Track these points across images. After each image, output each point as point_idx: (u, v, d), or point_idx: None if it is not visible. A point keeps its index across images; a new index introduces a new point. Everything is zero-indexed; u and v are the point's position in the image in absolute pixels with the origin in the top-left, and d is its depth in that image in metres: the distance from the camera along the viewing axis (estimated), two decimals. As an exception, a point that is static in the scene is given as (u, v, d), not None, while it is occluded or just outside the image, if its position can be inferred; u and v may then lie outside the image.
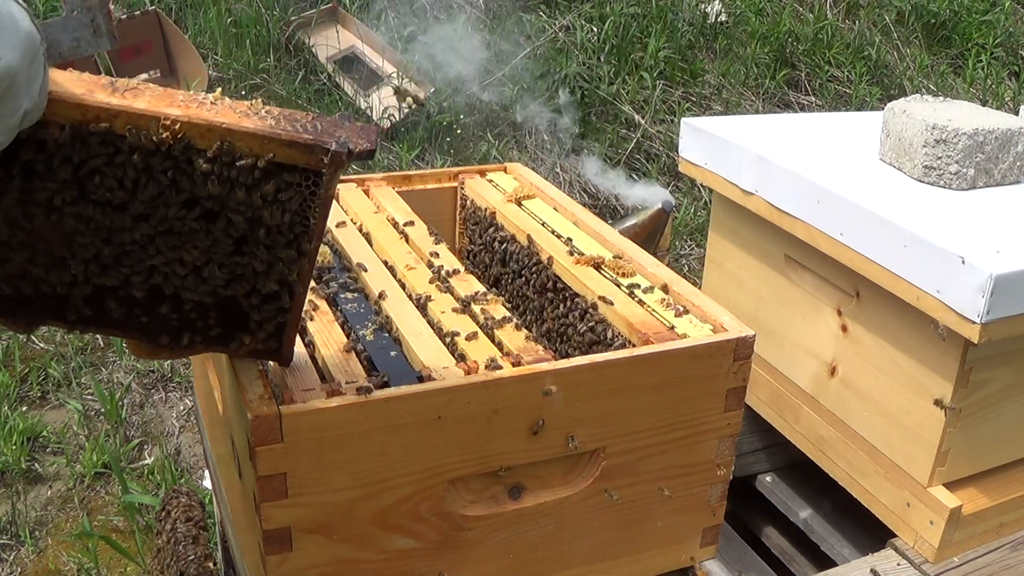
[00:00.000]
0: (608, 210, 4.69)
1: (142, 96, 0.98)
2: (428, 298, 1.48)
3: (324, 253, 1.60)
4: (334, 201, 1.83)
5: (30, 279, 1.04)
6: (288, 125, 1.01)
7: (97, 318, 1.08)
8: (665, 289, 1.53)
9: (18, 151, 0.95)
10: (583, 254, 1.62)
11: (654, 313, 1.46)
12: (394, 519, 1.25)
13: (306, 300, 1.21)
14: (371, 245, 1.67)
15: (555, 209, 1.81)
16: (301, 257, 1.08)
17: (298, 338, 1.33)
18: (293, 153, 1.00)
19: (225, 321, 1.12)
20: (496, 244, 1.80)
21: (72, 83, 0.97)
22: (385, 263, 1.61)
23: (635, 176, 4.91)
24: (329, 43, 5.02)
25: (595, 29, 5.37)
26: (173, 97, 1.00)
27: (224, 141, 0.98)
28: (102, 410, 3.41)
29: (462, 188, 1.93)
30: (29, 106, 0.88)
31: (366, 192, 1.88)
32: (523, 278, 1.70)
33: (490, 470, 1.28)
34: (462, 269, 1.58)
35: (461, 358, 1.32)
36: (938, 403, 1.62)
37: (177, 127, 0.97)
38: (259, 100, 1.04)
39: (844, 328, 1.82)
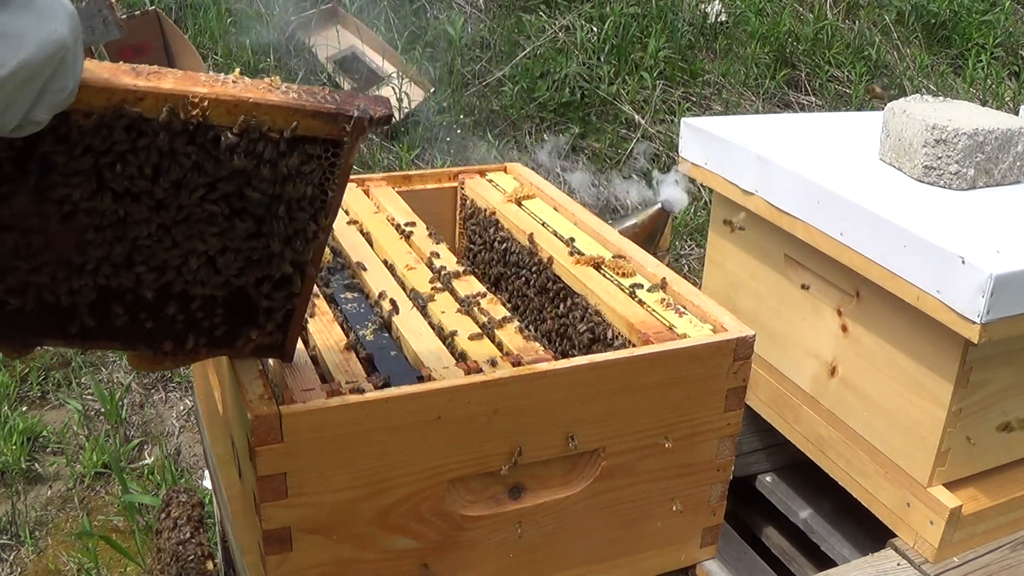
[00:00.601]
0: (608, 210, 4.69)
1: (166, 78, 0.98)
2: (428, 298, 1.48)
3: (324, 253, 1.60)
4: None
5: (33, 289, 1.02)
6: (309, 97, 1.02)
7: (100, 329, 1.07)
8: (665, 289, 1.53)
9: (35, 145, 0.94)
10: (583, 254, 1.62)
11: (654, 313, 1.46)
12: (394, 519, 1.25)
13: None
14: (371, 245, 1.67)
15: (555, 209, 1.81)
16: (317, 234, 1.09)
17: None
18: (316, 124, 1.02)
19: (231, 318, 1.12)
20: (496, 244, 1.80)
21: (96, 69, 0.96)
22: (385, 263, 1.61)
23: (635, 176, 4.91)
24: (329, 43, 5.02)
25: (595, 29, 5.37)
26: (196, 78, 1.00)
27: (251, 115, 0.99)
28: (102, 410, 3.41)
29: (462, 188, 1.93)
30: (73, 86, 0.88)
31: (366, 192, 1.88)
32: (523, 278, 1.70)
33: (490, 470, 1.28)
34: (462, 269, 1.58)
35: (461, 358, 1.32)
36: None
37: (206, 104, 0.97)
38: (277, 77, 1.05)
39: (844, 328, 1.82)
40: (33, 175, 0.95)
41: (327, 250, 1.62)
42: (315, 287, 1.49)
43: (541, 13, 5.48)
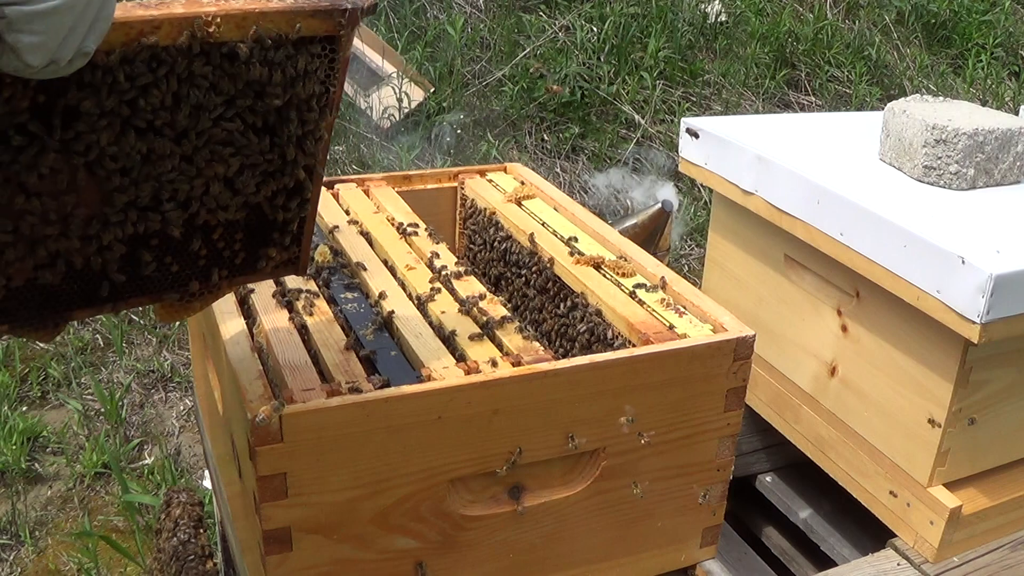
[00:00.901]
0: (608, 210, 4.69)
1: (174, 5, 1.02)
2: (428, 298, 1.48)
3: (324, 253, 1.61)
4: (334, 201, 1.84)
5: (63, 257, 1.04)
6: (304, 1, 1.09)
7: (129, 284, 1.09)
8: (665, 289, 1.53)
9: (57, 97, 0.95)
10: (583, 254, 1.62)
11: (654, 313, 1.46)
12: (394, 519, 1.25)
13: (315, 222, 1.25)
14: (371, 245, 1.67)
15: (555, 209, 1.81)
16: (324, 133, 1.15)
17: (298, 337, 1.33)
18: (315, 23, 1.08)
19: (249, 242, 1.16)
20: (496, 244, 1.80)
21: None
22: (385, 263, 1.61)
23: (635, 176, 4.91)
24: (329, 43, 5.01)
25: (595, 29, 5.37)
26: (199, 1, 1.04)
27: (259, 25, 1.05)
28: (102, 410, 3.41)
29: (462, 188, 1.93)
30: (112, 15, 0.90)
31: (366, 192, 1.88)
32: (523, 278, 1.70)
33: (490, 470, 1.28)
34: (462, 269, 1.58)
35: (461, 358, 1.32)
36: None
37: (218, 21, 1.02)
38: None
39: (844, 328, 1.82)
40: (57, 129, 0.97)
41: (327, 250, 1.62)
42: (315, 287, 1.49)
43: (541, 13, 5.48)
